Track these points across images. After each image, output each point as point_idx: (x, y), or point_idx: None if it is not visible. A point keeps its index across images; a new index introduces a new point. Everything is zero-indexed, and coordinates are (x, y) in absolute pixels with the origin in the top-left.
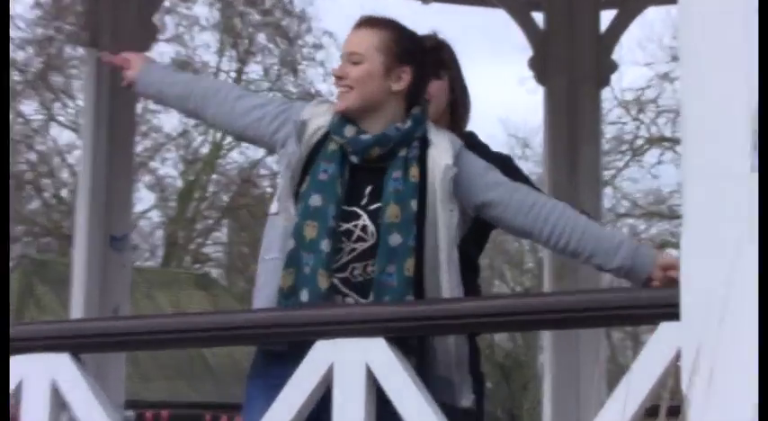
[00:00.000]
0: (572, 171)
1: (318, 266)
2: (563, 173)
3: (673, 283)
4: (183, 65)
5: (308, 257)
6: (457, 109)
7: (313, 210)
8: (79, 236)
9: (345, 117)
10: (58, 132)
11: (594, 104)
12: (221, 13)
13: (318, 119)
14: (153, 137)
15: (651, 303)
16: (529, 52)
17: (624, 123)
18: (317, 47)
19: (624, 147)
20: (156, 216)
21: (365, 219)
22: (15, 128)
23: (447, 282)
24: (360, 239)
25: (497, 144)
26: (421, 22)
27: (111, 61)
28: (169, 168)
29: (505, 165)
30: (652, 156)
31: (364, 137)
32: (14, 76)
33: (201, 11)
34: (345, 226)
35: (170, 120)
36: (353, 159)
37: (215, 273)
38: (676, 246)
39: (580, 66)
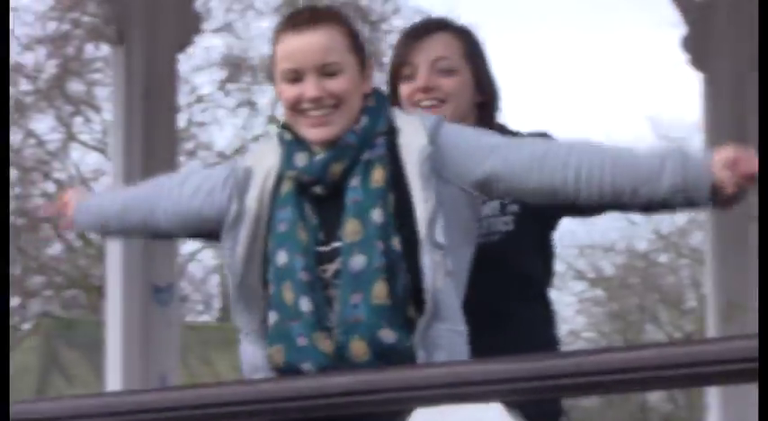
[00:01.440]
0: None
1: (310, 331)
2: None
3: (748, 181)
4: (236, 62)
5: (297, 326)
6: (488, 112)
7: (282, 269)
8: (113, 287)
9: (296, 144)
10: (81, 155)
11: None
12: None
13: (266, 160)
14: (201, 156)
15: None
16: (683, 28)
17: None
18: None
19: None
20: (209, 258)
21: None
22: (27, 151)
23: (433, 300)
24: None
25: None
26: None
27: (53, 212)
28: None
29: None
30: None
31: (317, 158)
32: (23, 86)
33: None
34: (327, 270)
35: (223, 135)
36: (318, 190)
37: None
38: None
39: (750, 44)
